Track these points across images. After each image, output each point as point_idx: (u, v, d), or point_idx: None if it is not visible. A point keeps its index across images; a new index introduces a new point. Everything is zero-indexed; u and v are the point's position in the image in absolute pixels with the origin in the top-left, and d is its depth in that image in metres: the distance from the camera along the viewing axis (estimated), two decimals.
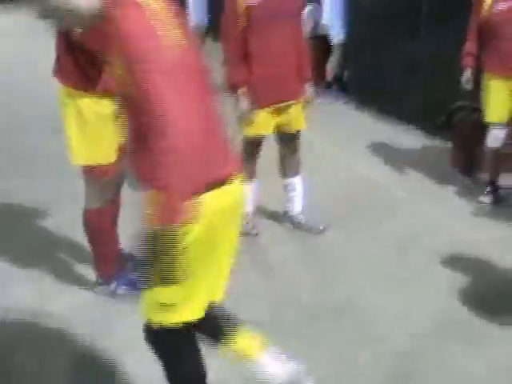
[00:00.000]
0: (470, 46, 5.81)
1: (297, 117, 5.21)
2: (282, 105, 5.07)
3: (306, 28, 9.79)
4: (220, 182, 2.64)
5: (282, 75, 4.98)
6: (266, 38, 4.87)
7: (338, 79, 9.68)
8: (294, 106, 5.14)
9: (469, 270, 4.85)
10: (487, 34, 5.70)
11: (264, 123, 5.09)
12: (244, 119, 5.05)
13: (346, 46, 9.49)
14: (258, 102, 5.01)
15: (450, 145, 6.96)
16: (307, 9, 9.90)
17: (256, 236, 5.36)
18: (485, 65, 5.76)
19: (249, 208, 5.35)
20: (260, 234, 5.38)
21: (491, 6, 5.65)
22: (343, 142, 7.63)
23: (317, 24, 9.73)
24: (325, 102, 9.42)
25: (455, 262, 4.97)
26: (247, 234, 5.29)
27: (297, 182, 5.43)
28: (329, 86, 9.68)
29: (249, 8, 4.82)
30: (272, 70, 4.93)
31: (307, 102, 5.21)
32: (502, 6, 5.61)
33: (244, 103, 4.99)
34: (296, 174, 5.41)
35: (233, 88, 5.02)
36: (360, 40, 9.15)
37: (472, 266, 4.92)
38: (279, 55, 4.95)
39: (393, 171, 6.78)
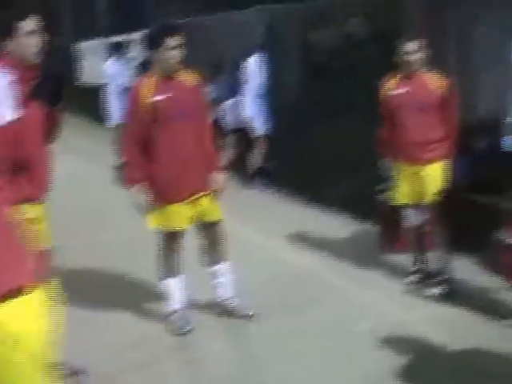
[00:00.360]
0: (382, 133, 5.92)
1: (210, 207, 5.27)
2: (192, 198, 5.14)
3: (228, 121, 10.05)
4: (12, 294, 2.57)
5: (188, 169, 5.07)
6: (171, 134, 5.01)
7: (262, 170, 9.82)
8: (205, 197, 5.20)
9: (399, 351, 4.84)
10: (390, 119, 5.82)
11: (177, 217, 5.14)
12: (144, 213, 5.13)
13: (269, 137, 9.67)
14: (167, 198, 5.09)
15: (376, 228, 7.07)
16: (229, 102, 10.16)
17: (189, 333, 5.27)
18: (393, 150, 5.89)
19: (176, 305, 5.32)
20: (193, 329, 5.30)
21: (390, 92, 5.79)
22: (269, 230, 7.68)
23: (239, 117, 9.94)
24: (250, 192, 9.57)
25: (386, 344, 4.96)
26: (179, 332, 5.26)
27: (223, 269, 5.44)
28: (253, 176, 9.81)
29: (154, 104, 4.95)
30: (178, 166, 5.05)
31: (218, 191, 5.27)
32: (399, 91, 5.74)
33: (141, 198, 5.08)
34: (221, 261, 5.42)
35: (130, 184, 5.11)
36: (284, 131, 9.34)
37: (402, 347, 4.91)
38: (185, 150, 5.06)
39: (320, 258, 6.81)
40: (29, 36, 3.97)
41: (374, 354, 4.88)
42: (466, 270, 6.18)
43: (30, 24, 3.96)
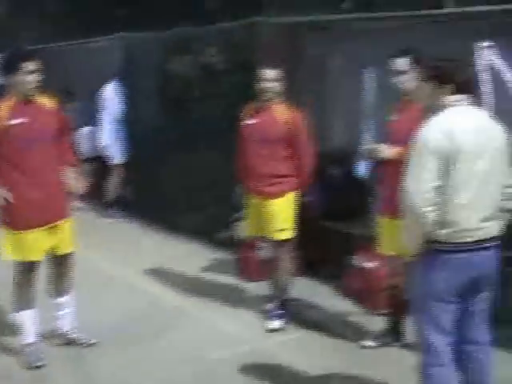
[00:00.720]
0: (237, 163, 5.87)
1: (66, 237, 5.17)
2: (48, 226, 5.02)
3: (84, 149, 9.85)
4: None
5: (45, 195, 4.95)
6: (27, 159, 4.88)
7: (119, 199, 9.69)
8: (62, 226, 5.11)
9: (258, 378, 4.87)
10: (243, 150, 5.74)
11: (33, 248, 4.99)
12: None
13: (127, 165, 9.56)
14: (22, 225, 4.94)
15: (234, 256, 7.11)
16: (85, 130, 9.98)
17: (42, 366, 5.08)
18: (244, 180, 5.86)
19: (30, 339, 5.13)
20: (46, 362, 5.10)
21: (244, 122, 5.70)
22: (126, 260, 7.56)
23: (95, 145, 9.77)
24: (107, 221, 9.41)
25: (244, 371, 4.98)
26: (32, 365, 5.06)
27: (69, 300, 5.34)
28: (110, 206, 9.66)
29: (10, 127, 4.83)
30: (34, 191, 4.91)
31: (73, 189, 5.19)
32: (249, 122, 5.68)
33: None
34: (67, 292, 5.33)
35: None
36: (141, 159, 9.26)
37: (261, 374, 4.95)
38: (41, 175, 4.94)
39: (178, 287, 6.75)
40: None
41: (232, 380, 4.88)
42: (323, 295, 6.33)
43: None
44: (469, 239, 3.58)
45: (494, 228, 3.66)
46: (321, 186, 6.41)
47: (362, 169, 6.43)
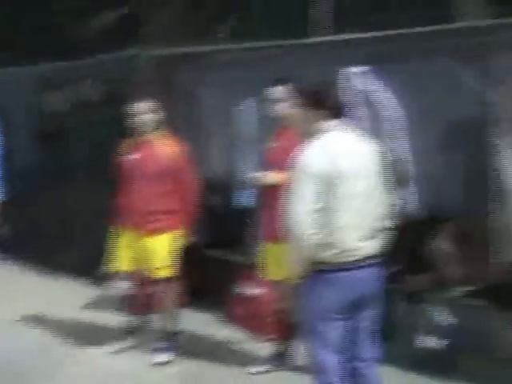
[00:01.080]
0: (115, 197, 5.72)
1: None
2: None
3: None
4: None
5: None
6: None
7: None
8: None
9: None
10: (121, 184, 5.65)
11: None
12: None
13: (3, 204, 9.27)
14: None
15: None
16: None
17: None
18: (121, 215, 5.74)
19: None
20: None
21: (123, 157, 5.64)
22: (2, 301, 7.22)
23: None
24: None
25: None
26: None
27: None
28: None
29: None
30: None
31: None
32: (129, 157, 5.59)
33: None
34: None
35: None
36: (18, 197, 8.99)
37: None
38: None
39: (58, 326, 6.53)
40: None
41: None
42: (208, 324, 6.32)
43: None
44: (350, 258, 3.67)
45: (374, 247, 3.77)
46: (202, 215, 6.40)
47: (243, 196, 6.48)
